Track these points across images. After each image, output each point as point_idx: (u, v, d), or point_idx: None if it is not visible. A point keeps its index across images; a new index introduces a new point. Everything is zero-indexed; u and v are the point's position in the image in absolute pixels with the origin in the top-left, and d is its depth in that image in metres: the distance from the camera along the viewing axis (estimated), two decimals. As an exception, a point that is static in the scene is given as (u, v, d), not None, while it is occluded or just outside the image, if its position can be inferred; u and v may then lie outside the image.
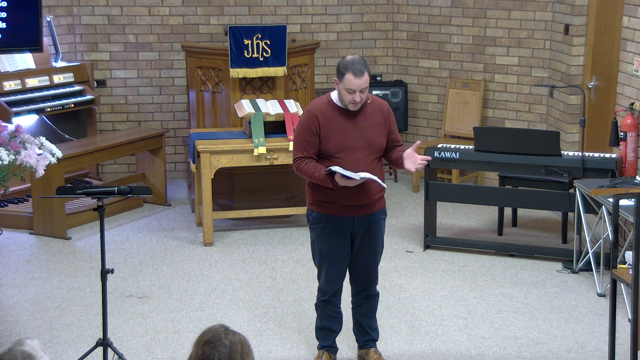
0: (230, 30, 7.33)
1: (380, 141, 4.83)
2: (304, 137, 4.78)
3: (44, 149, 5.18)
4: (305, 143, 4.78)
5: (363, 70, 4.66)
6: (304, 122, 4.80)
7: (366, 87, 4.70)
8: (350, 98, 4.70)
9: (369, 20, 9.13)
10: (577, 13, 7.65)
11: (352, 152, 4.74)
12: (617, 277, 4.86)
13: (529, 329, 5.56)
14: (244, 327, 5.57)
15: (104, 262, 4.84)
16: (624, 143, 6.59)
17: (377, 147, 4.83)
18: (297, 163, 4.80)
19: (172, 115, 8.95)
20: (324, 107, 4.80)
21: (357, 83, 4.65)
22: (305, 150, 4.77)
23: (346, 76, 4.66)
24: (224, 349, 2.78)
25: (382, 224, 4.96)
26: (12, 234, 7.34)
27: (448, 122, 8.75)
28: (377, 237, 4.95)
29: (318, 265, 4.99)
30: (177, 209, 8.04)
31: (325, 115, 4.76)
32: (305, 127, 4.78)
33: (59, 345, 5.34)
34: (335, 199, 4.78)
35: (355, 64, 4.67)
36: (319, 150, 4.78)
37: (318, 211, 4.86)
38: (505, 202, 7.11)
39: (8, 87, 7.72)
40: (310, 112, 4.80)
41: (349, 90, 4.68)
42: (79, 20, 8.65)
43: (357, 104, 4.73)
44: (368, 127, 4.79)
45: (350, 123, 4.77)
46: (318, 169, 4.70)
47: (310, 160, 4.76)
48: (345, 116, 4.78)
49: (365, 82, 4.67)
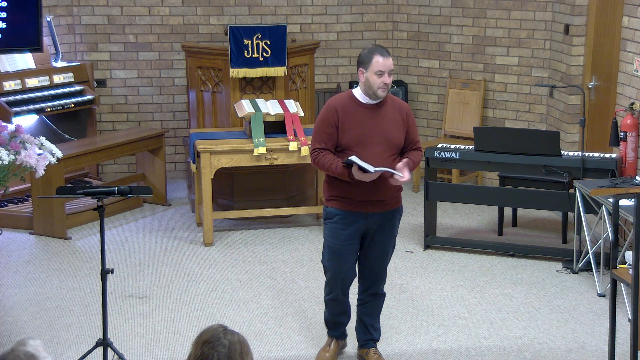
0: (230, 30, 7.33)
1: (398, 138, 4.86)
2: (323, 129, 4.82)
3: (44, 149, 5.18)
4: (323, 135, 4.82)
5: (387, 53, 4.82)
6: (324, 114, 4.85)
7: (392, 69, 4.81)
8: (380, 82, 4.75)
9: (369, 20, 9.13)
10: (577, 13, 7.65)
11: (369, 146, 4.77)
12: (617, 277, 4.86)
13: (529, 329, 5.56)
14: (244, 327, 5.57)
15: (104, 262, 4.84)
16: (624, 143, 6.59)
17: (395, 144, 4.85)
18: (314, 155, 4.85)
19: (172, 115, 8.95)
20: (345, 101, 4.86)
21: (386, 63, 4.76)
22: (324, 142, 4.82)
23: (374, 59, 4.76)
24: (223, 348, 2.78)
25: (396, 223, 4.98)
26: (12, 234, 7.35)
27: (448, 122, 8.75)
28: (390, 236, 4.97)
29: (326, 264, 5.02)
30: (177, 209, 8.04)
31: (345, 109, 4.81)
32: (324, 120, 4.83)
33: (59, 345, 5.35)
34: (350, 194, 4.81)
35: (379, 48, 4.85)
36: (336, 143, 4.81)
37: (332, 207, 4.90)
38: (505, 202, 7.11)
39: (8, 87, 7.72)
40: (330, 105, 4.86)
41: (379, 73, 4.75)
42: (79, 20, 8.65)
43: (386, 87, 4.78)
44: (387, 123, 4.83)
45: (370, 118, 4.81)
46: (335, 161, 4.75)
47: (328, 153, 4.80)
48: (365, 111, 4.83)
49: (391, 63, 4.81)
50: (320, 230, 7.40)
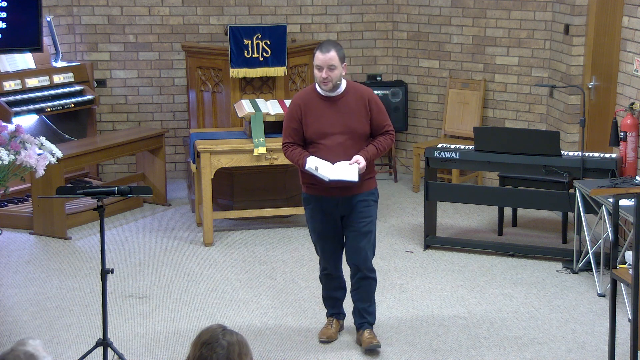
0: (230, 30, 7.33)
1: (360, 128, 5.05)
2: (289, 125, 5.12)
3: (44, 149, 5.18)
4: (290, 130, 5.12)
5: (330, 48, 4.95)
6: (289, 110, 5.16)
7: (333, 64, 4.93)
8: (319, 75, 4.98)
9: (369, 20, 9.13)
10: (577, 13, 7.65)
11: (331, 137, 5.01)
12: (617, 277, 4.86)
13: (529, 329, 5.56)
14: (244, 327, 5.56)
15: (104, 262, 4.85)
16: (624, 143, 6.58)
17: (358, 133, 5.05)
18: (284, 149, 5.17)
19: (172, 115, 8.95)
20: (308, 95, 5.11)
21: (323, 59, 4.94)
22: (291, 137, 5.12)
23: (315, 54, 5.01)
24: (222, 349, 2.77)
25: (370, 204, 5.16)
26: (12, 234, 7.34)
27: (448, 122, 8.75)
28: (364, 217, 5.14)
29: (314, 242, 5.33)
30: (177, 209, 8.04)
31: (308, 104, 5.07)
32: (289, 115, 5.14)
33: (59, 345, 5.35)
34: (319, 181, 5.03)
35: (324, 43, 5.08)
36: (302, 136, 5.08)
37: (307, 192, 5.21)
38: (505, 202, 7.11)
39: (8, 87, 7.72)
40: (294, 101, 5.17)
41: (318, 68, 4.98)
42: (79, 20, 8.65)
43: (326, 82, 4.96)
44: (347, 113, 5.03)
45: (330, 110, 5.03)
46: (301, 157, 5.05)
47: (296, 147, 5.10)
48: (326, 103, 5.05)
49: (330, 59, 4.92)
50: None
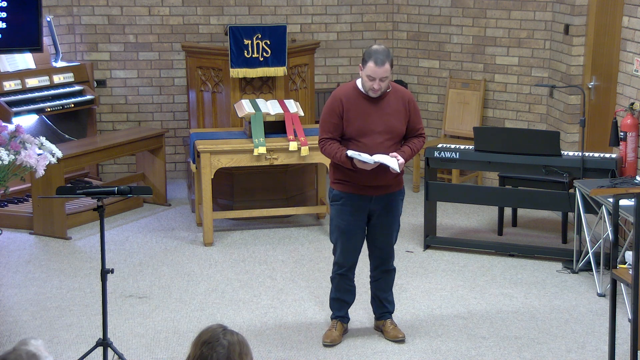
0: (230, 30, 7.33)
1: (399, 127, 5.15)
2: (329, 120, 5.13)
3: (44, 149, 5.18)
4: (329, 125, 5.12)
5: (385, 60, 4.98)
6: (330, 105, 5.14)
7: (386, 76, 5.01)
8: (370, 85, 5.03)
9: (369, 20, 9.13)
10: (577, 13, 7.65)
11: (372, 136, 5.07)
12: (617, 277, 4.86)
13: (529, 329, 5.56)
14: (244, 327, 5.56)
15: (104, 262, 4.84)
16: (624, 143, 6.58)
17: (397, 133, 5.14)
18: (321, 144, 5.17)
19: (172, 115, 8.95)
20: (349, 92, 5.13)
21: (378, 71, 4.98)
22: (330, 132, 5.12)
23: (368, 64, 5.00)
24: (222, 349, 2.78)
25: (399, 203, 5.28)
26: (12, 234, 7.34)
27: (448, 122, 8.75)
28: (394, 216, 5.28)
29: (334, 241, 5.31)
30: (177, 209, 8.04)
31: (350, 100, 5.10)
32: (330, 110, 5.13)
33: (59, 345, 5.35)
34: (353, 179, 5.13)
35: (379, 54, 4.98)
36: (342, 132, 5.09)
37: (338, 189, 5.21)
38: (505, 202, 7.11)
39: (8, 87, 7.71)
40: (335, 96, 5.15)
41: (370, 78, 5.01)
42: (79, 20, 8.65)
43: (376, 92, 5.05)
44: (389, 113, 5.11)
45: (373, 108, 5.09)
46: (340, 150, 5.06)
47: (334, 142, 5.11)
48: (368, 102, 5.10)
49: (384, 71, 4.98)
50: (320, 230, 7.41)
